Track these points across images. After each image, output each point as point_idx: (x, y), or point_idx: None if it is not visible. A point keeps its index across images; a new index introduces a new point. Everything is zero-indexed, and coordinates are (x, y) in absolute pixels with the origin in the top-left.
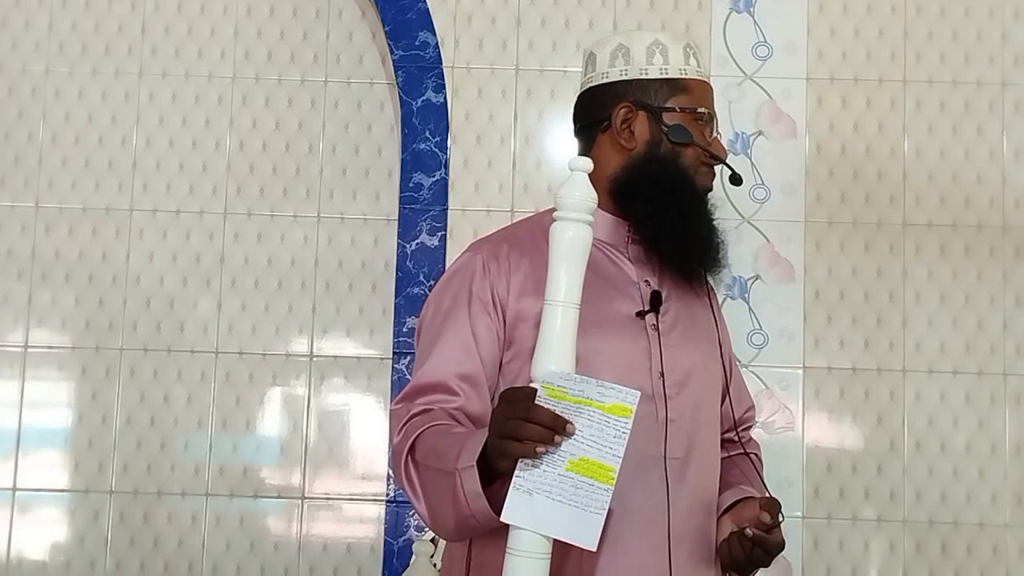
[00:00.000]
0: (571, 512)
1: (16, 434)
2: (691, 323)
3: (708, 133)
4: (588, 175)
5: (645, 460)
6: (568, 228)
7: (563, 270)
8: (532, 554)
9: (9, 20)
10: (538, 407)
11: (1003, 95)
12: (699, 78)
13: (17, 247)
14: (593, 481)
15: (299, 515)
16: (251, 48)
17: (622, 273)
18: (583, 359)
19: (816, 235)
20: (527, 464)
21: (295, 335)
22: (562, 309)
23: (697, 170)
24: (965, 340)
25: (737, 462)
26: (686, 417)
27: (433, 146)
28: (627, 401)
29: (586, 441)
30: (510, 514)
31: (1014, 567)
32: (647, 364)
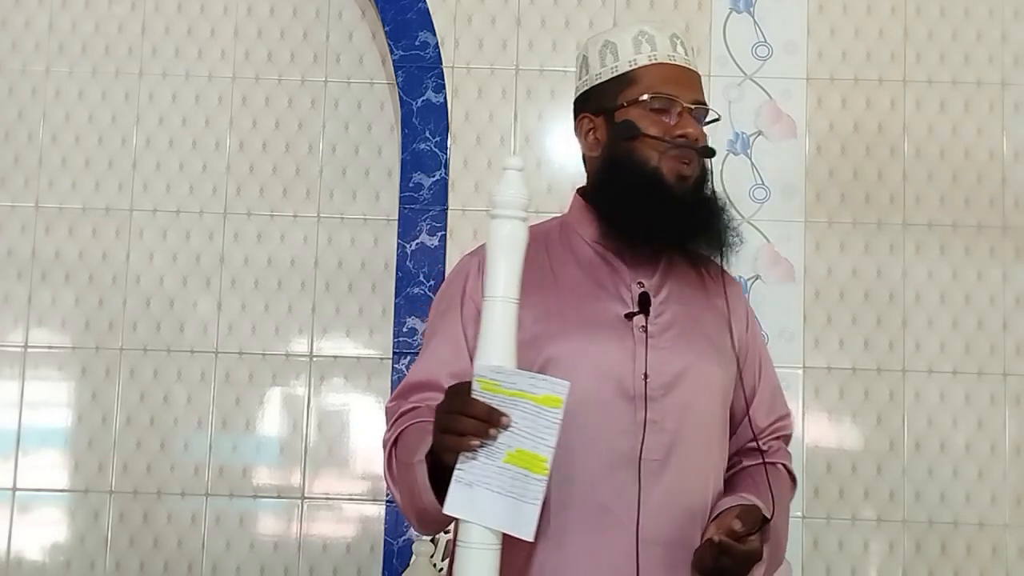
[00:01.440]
0: (509, 503)
1: (16, 434)
2: (691, 326)
3: (671, 116)
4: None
5: (618, 459)
6: (504, 225)
7: (501, 266)
8: (481, 545)
9: (9, 20)
10: (473, 401)
11: (1003, 95)
12: (651, 63)
13: (17, 247)
14: (528, 472)
15: (299, 515)
16: (251, 48)
17: (616, 275)
18: (564, 359)
19: (816, 235)
20: (467, 457)
21: (295, 335)
22: (501, 304)
23: (662, 159)
24: (965, 340)
25: (754, 472)
26: (670, 419)
27: (433, 146)
28: (558, 392)
29: (521, 433)
30: (452, 506)
31: (1014, 567)
32: (630, 365)
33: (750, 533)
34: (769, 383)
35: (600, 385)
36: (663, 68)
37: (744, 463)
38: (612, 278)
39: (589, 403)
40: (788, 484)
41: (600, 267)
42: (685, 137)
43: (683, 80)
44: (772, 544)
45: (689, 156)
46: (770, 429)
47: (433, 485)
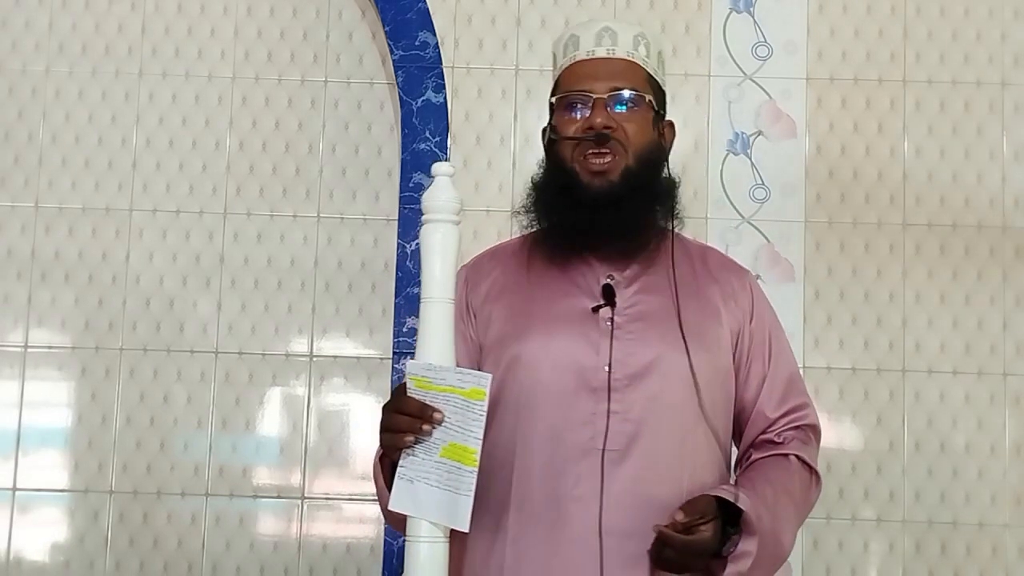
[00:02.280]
0: (446, 496)
1: (16, 434)
2: (667, 316)
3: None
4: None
5: (575, 451)
6: (436, 230)
7: (436, 268)
8: (429, 539)
9: (9, 20)
10: (406, 398)
11: (1003, 95)
12: (571, 63)
13: (17, 247)
14: (460, 465)
15: (299, 515)
16: (251, 48)
17: (589, 270)
18: (527, 356)
19: (816, 235)
20: (408, 454)
21: (295, 335)
22: (437, 304)
23: (575, 157)
24: (965, 340)
25: (762, 465)
26: (634, 410)
27: (433, 146)
28: (482, 385)
29: (453, 427)
30: (396, 502)
31: (1013, 567)
32: (594, 357)
33: (692, 523)
34: (783, 372)
35: (560, 378)
36: (578, 66)
37: (754, 456)
38: (585, 273)
39: (550, 396)
40: (800, 476)
41: (574, 263)
42: (592, 128)
43: (598, 73)
44: (764, 537)
45: (601, 146)
46: (785, 420)
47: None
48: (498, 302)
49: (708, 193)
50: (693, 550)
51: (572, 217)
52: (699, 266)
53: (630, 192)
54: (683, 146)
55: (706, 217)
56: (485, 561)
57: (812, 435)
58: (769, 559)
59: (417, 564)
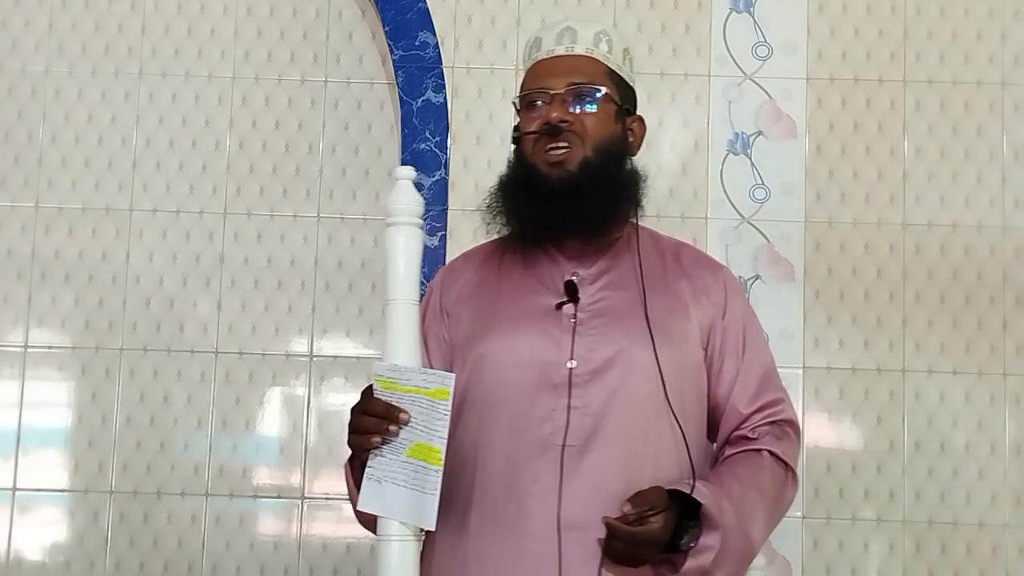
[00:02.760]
0: (413, 495)
1: (16, 434)
2: (631, 311)
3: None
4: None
5: (535, 447)
6: (400, 232)
7: (400, 270)
8: (400, 537)
9: (9, 20)
10: (373, 399)
11: (1003, 95)
12: (533, 63)
13: (17, 247)
14: (426, 464)
15: (299, 515)
16: (251, 48)
17: (556, 267)
18: (491, 354)
19: (816, 235)
20: (376, 454)
21: (295, 335)
22: (403, 306)
23: (535, 152)
24: (965, 340)
25: (730, 460)
26: (594, 405)
27: (433, 146)
28: (446, 384)
29: (419, 427)
30: (365, 502)
31: (1014, 567)
32: (556, 353)
33: (641, 515)
34: (756, 368)
35: (523, 375)
36: (538, 66)
37: (727, 452)
38: (550, 270)
39: (512, 393)
40: (772, 471)
41: (541, 261)
42: (548, 123)
43: (556, 70)
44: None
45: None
46: (759, 415)
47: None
48: (468, 302)
49: (708, 193)
50: (640, 541)
51: (532, 208)
52: (671, 261)
53: (589, 182)
54: (683, 146)
55: (706, 217)
56: (451, 559)
57: (790, 430)
58: (736, 555)
59: (389, 563)
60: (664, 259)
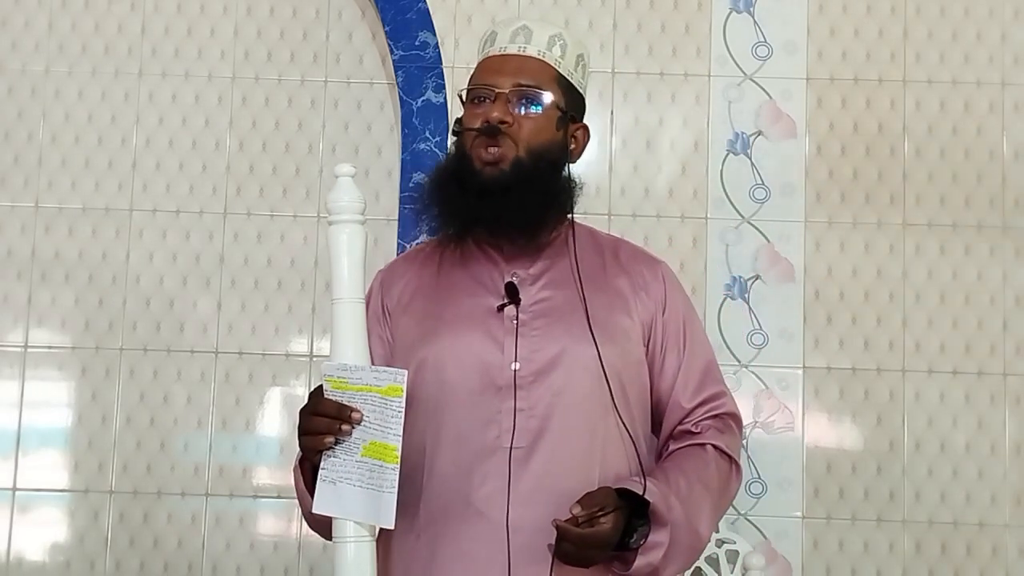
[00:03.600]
0: (369, 495)
1: (16, 434)
2: (572, 310)
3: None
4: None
5: (481, 450)
6: (342, 230)
7: (344, 268)
8: (356, 538)
9: (9, 20)
10: (323, 400)
11: (1003, 95)
12: (484, 57)
13: (17, 247)
14: (382, 462)
15: (299, 515)
16: (251, 48)
17: (494, 268)
18: (434, 358)
19: (816, 235)
20: (329, 455)
21: (295, 335)
22: (348, 304)
23: (472, 147)
24: (965, 340)
25: (675, 455)
26: (539, 406)
27: (433, 146)
28: (398, 381)
29: (372, 425)
30: (320, 504)
31: (1014, 567)
32: (499, 356)
33: (591, 515)
34: (698, 361)
35: (466, 378)
36: (488, 61)
37: (671, 447)
38: (490, 272)
39: (456, 397)
40: (717, 464)
41: (480, 263)
42: (488, 122)
43: (505, 68)
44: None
45: (492, 141)
46: (702, 410)
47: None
48: (409, 306)
49: (708, 193)
50: (591, 542)
51: (460, 203)
52: (609, 259)
53: (518, 183)
54: (683, 146)
55: (706, 217)
56: (402, 563)
57: (732, 423)
58: (685, 550)
59: (345, 564)
60: (603, 256)
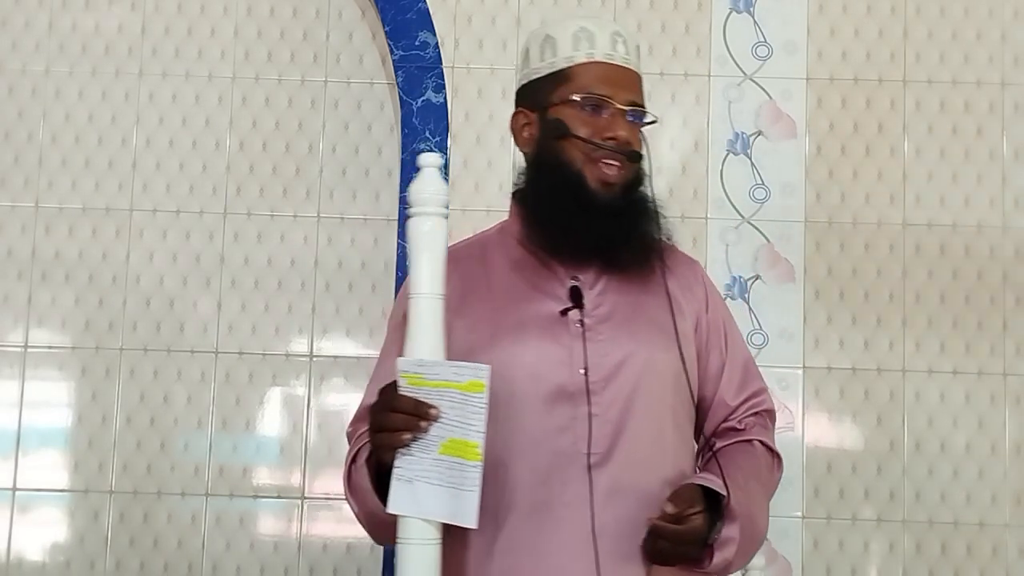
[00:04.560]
0: (449, 493)
1: (16, 434)
2: (632, 313)
3: (603, 116)
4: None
5: (560, 457)
6: (424, 222)
7: (424, 263)
8: (421, 541)
9: (9, 20)
10: (400, 396)
11: (1003, 95)
12: (588, 61)
13: (17, 247)
14: (463, 460)
15: (299, 515)
16: (251, 48)
17: (550, 273)
18: (499, 365)
19: (816, 235)
20: (404, 453)
21: (295, 335)
22: (426, 300)
23: (586, 161)
24: (965, 340)
25: (727, 451)
26: (613, 411)
27: (433, 146)
28: (480, 376)
29: (452, 422)
30: (395, 504)
31: (1014, 567)
32: (567, 362)
33: (682, 513)
34: (739, 360)
35: (536, 386)
36: (599, 67)
37: (718, 444)
38: (547, 277)
39: (527, 406)
40: (765, 460)
41: (534, 268)
42: (615, 140)
43: (619, 80)
44: (743, 521)
45: (617, 159)
46: (745, 407)
47: (381, 490)
48: (460, 312)
49: (708, 193)
50: (687, 539)
51: (580, 223)
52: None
53: (630, 206)
54: (683, 146)
55: (706, 217)
56: (473, 572)
57: (769, 420)
58: (748, 543)
59: (409, 566)
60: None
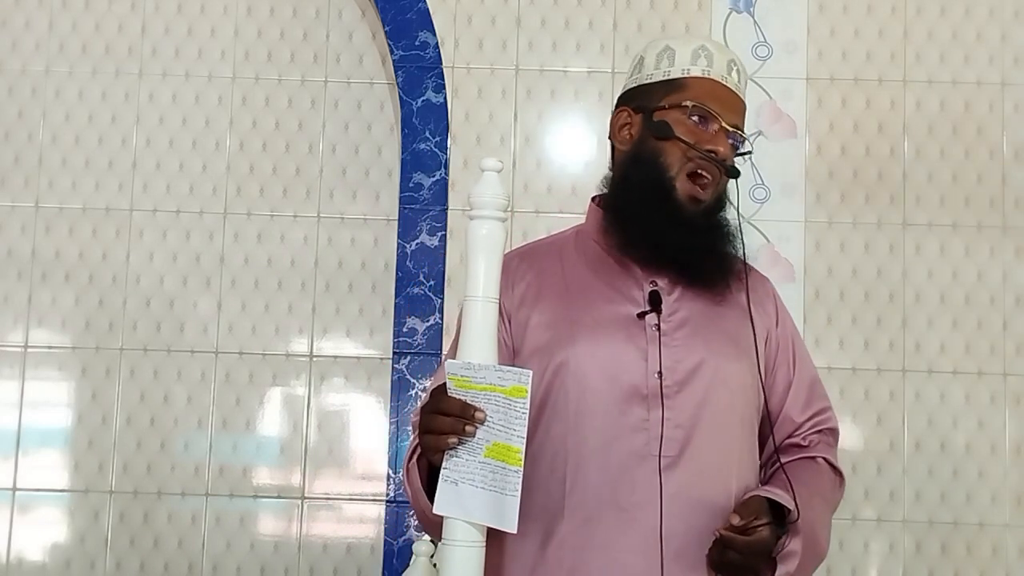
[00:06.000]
0: (492, 497)
1: (16, 434)
2: (706, 322)
3: (708, 130)
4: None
5: (631, 459)
6: (482, 226)
7: (480, 266)
8: (465, 543)
9: (9, 20)
10: (447, 398)
11: (1003, 95)
12: (703, 76)
13: (17, 247)
14: (505, 464)
15: (299, 515)
16: (251, 48)
17: (628, 274)
18: (575, 363)
19: (816, 235)
20: (451, 455)
21: (295, 335)
22: (481, 303)
23: (681, 170)
24: (965, 340)
25: (792, 467)
26: (684, 415)
27: (433, 146)
28: (522, 381)
29: (496, 426)
30: (441, 506)
31: (1014, 567)
32: (643, 364)
33: (749, 525)
34: (806, 377)
35: (611, 386)
36: (713, 84)
37: (782, 459)
38: (625, 279)
39: (600, 404)
40: (829, 478)
41: (613, 269)
42: (715, 153)
43: (729, 102)
44: (806, 536)
45: (710, 171)
46: (810, 424)
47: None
48: (536, 307)
49: None
50: (756, 550)
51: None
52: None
53: (712, 227)
54: None
55: None
56: (533, 570)
57: (833, 438)
58: (809, 559)
59: (452, 568)
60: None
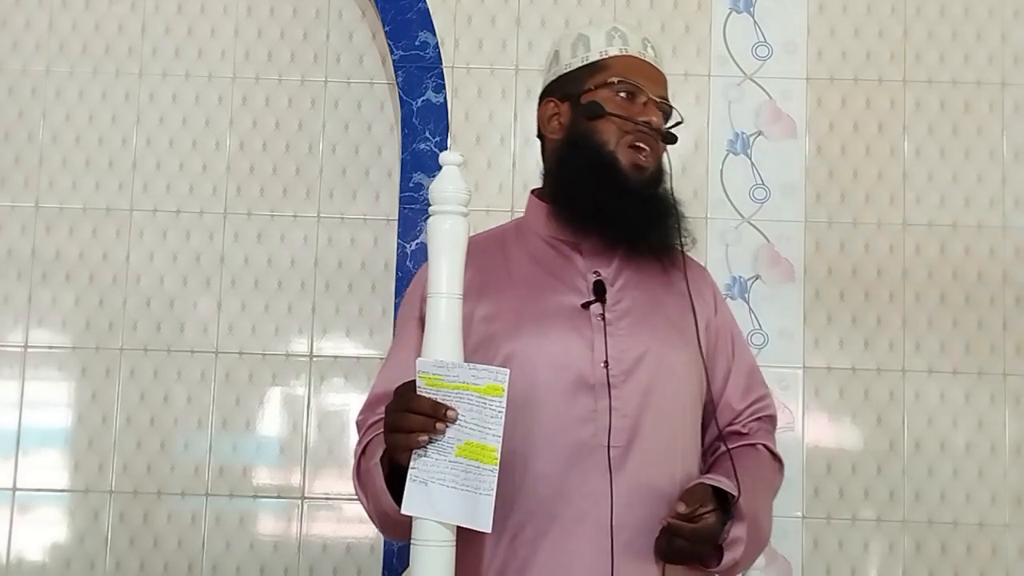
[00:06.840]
0: (465, 496)
1: (16, 434)
2: (650, 311)
3: (637, 104)
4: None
5: (580, 449)
6: (444, 221)
7: (443, 262)
8: (436, 542)
9: (9, 20)
10: (418, 397)
11: (1003, 95)
12: (622, 54)
13: (17, 247)
14: (479, 463)
15: (299, 515)
16: (251, 48)
17: (571, 266)
18: (521, 355)
19: (816, 235)
20: (419, 454)
21: (295, 335)
22: (445, 300)
23: (619, 144)
24: (965, 340)
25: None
26: (631, 405)
27: (433, 146)
28: (499, 380)
29: (469, 425)
30: (409, 506)
31: (1014, 567)
32: (589, 354)
33: (695, 513)
34: (744, 365)
35: (558, 377)
36: (633, 60)
37: (722, 447)
38: (567, 270)
39: (548, 396)
40: (769, 464)
41: (555, 260)
42: (648, 123)
43: (652, 76)
44: (750, 523)
45: (648, 143)
46: (749, 411)
47: (393, 489)
48: (480, 301)
49: (708, 193)
50: (702, 537)
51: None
52: (665, 261)
53: (657, 196)
54: (683, 146)
55: (706, 217)
56: (495, 565)
57: (771, 425)
58: (754, 545)
59: (422, 568)
60: (660, 259)
